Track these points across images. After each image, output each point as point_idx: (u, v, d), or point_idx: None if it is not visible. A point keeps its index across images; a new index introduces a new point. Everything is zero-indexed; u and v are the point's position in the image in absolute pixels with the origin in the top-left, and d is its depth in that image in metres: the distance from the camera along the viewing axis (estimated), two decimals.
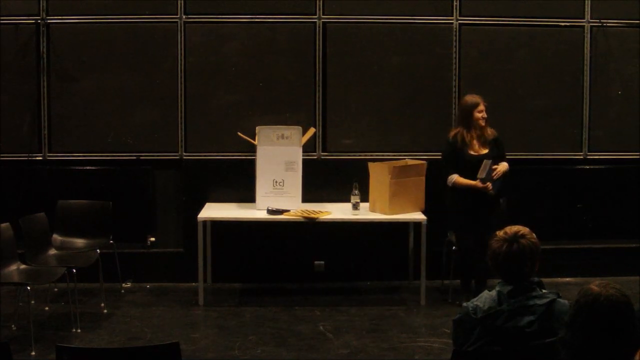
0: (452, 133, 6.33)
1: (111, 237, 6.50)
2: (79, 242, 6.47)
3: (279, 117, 6.90)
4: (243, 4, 6.92)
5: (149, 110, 6.94)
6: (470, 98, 6.30)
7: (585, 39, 7.08)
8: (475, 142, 6.24)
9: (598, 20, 7.06)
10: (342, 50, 6.97)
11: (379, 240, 6.98)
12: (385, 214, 6.48)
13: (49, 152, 6.91)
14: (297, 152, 6.62)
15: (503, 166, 6.23)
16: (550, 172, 7.16)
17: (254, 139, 6.68)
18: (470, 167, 6.16)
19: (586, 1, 7.05)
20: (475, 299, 3.34)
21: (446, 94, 7.03)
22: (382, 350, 5.41)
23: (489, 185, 6.12)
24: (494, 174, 6.14)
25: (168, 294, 6.71)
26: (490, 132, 6.29)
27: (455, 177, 6.23)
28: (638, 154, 7.14)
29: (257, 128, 6.68)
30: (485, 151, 6.24)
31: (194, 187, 6.98)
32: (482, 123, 6.23)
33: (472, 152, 6.23)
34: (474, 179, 6.12)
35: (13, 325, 5.66)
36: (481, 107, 6.24)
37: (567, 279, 7.05)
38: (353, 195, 6.40)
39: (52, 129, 6.90)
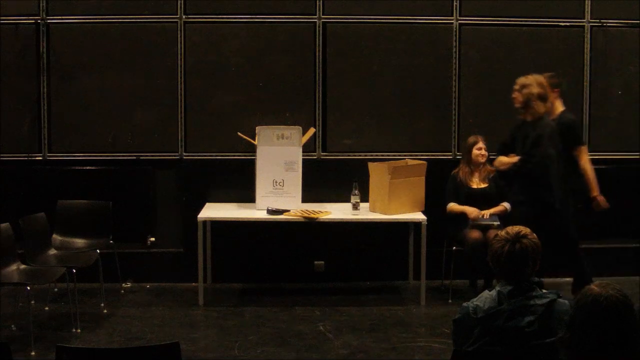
0: (455, 170, 6.64)
1: (111, 237, 6.50)
2: (79, 242, 6.47)
3: (279, 117, 6.90)
4: (243, 4, 6.92)
5: (149, 110, 6.94)
6: (471, 137, 6.65)
7: (585, 39, 7.08)
8: (475, 177, 6.57)
9: (598, 20, 7.06)
10: (342, 50, 6.97)
11: (379, 240, 6.98)
12: (385, 214, 6.48)
13: (49, 152, 6.91)
14: (297, 152, 6.62)
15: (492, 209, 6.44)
16: None
17: (254, 139, 6.68)
18: (471, 199, 6.48)
19: (586, 1, 7.05)
20: (475, 298, 3.35)
21: (446, 94, 7.03)
22: (382, 350, 5.41)
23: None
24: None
25: (168, 294, 6.71)
26: (489, 169, 6.56)
27: (450, 205, 6.55)
28: (638, 154, 7.14)
29: (257, 128, 6.68)
30: (485, 185, 6.55)
31: (194, 187, 6.98)
32: (481, 159, 6.55)
33: (471, 186, 6.55)
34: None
35: (13, 325, 5.65)
36: (480, 144, 6.56)
37: (567, 279, 7.04)
38: (353, 195, 6.40)
39: (52, 129, 6.90)
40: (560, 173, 5.70)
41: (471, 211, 6.36)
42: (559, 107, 6.17)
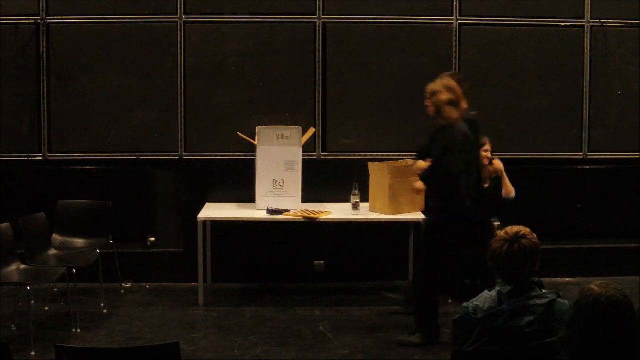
0: None
1: (111, 237, 6.50)
2: (79, 242, 6.47)
3: (279, 117, 6.90)
4: (243, 4, 6.92)
5: (149, 110, 6.94)
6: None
7: (585, 39, 7.08)
8: None
9: (598, 20, 7.06)
10: (342, 50, 6.97)
11: (379, 240, 6.98)
12: (385, 214, 6.47)
13: (48, 152, 6.91)
14: (297, 152, 6.62)
15: None
16: (550, 172, 7.16)
17: (254, 139, 6.68)
18: None
19: (586, 1, 7.05)
20: (475, 299, 3.34)
21: None
22: (382, 350, 5.41)
23: None
24: None
25: (168, 294, 6.70)
26: (492, 170, 6.46)
27: None
28: (638, 154, 7.14)
29: (257, 128, 6.68)
30: (486, 185, 6.44)
31: (194, 187, 6.98)
32: (485, 162, 6.43)
33: None
34: None
35: (13, 325, 5.66)
36: (486, 147, 6.43)
37: (567, 279, 7.05)
38: (353, 195, 6.40)
39: (52, 129, 6.90)
40: (472, 181, 5.47)
41: None
42: (464, 105, 6.15)
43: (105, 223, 6.51)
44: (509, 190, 6.40)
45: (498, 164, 6.37)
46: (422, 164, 5.58)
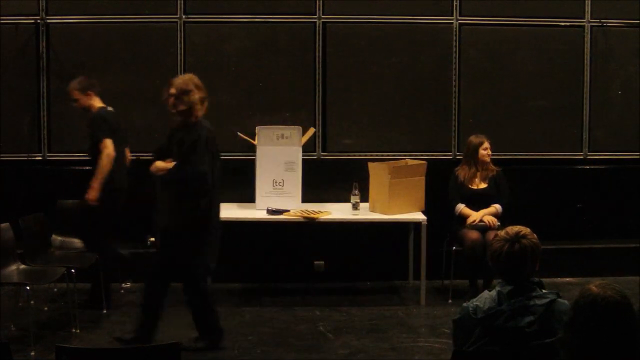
0: (457, 168, 6.63)
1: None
2: (79, 242, 6.45)
3: (279, 117, 6.90)
4: (243, 4, 6.93)
5: (149, 110, 6.93)
6: (475, 138, 6.59)
7: (585, 39, 7.08)
8: (476, 177, 6.57)
9: (598, 20, 7.06)
10: (342, 50, 6.97)
11: (379, 240, 6.97)
12: (385, 214, 6.47)
13: (48, 152, 6.92)
14: (297, 152, 6.61)
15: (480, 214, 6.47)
16: (550, 172, 7.16)
17: (254, 139, 6.68)
18: (470, 200, 6.51)
19: (586, 1, 7.06)
20: (475, 299, 3.34)
21: (446, 94, 7.03)
22: (382, 350, 5.41)
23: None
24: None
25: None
26: (492, 168, 6.58)
27: (461, 207, 6.52)
28: (638, 154, 7.15)
29: (257, 128, 6.68)
30: (484, 185, 6.56)
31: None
32: (487, 159, 6.54)
33: (471, 187, 6.56)
34: (474, 209, 6.49)
35: (13, 325, 5.65)
36: (485, 144, 6.54)
37: (567, 279, 7.05)
38: (353, 195, 6.40)
39: (52, 129, 6.90)
40: (217, 180, 5.32)
41: (473, 219, 6.42)
42: (99, 103, 6.18)
43: None
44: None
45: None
46: (161, 164, 5.34)
